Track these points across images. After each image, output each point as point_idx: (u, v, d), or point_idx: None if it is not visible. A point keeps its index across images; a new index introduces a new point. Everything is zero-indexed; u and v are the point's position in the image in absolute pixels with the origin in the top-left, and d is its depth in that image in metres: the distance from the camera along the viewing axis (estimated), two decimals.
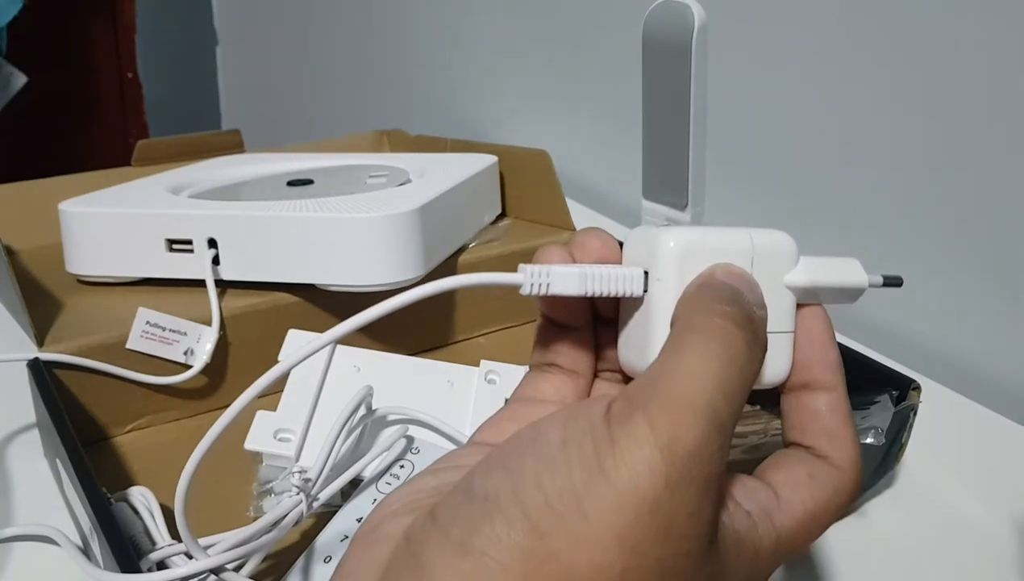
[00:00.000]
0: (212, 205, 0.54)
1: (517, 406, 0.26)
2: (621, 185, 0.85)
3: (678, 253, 0.24)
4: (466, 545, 0.19)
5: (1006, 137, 0.55)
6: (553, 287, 0.24)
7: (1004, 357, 0.58)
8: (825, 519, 0.23)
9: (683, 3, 0.42)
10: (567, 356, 0.26)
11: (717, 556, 0.20)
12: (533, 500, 0.19)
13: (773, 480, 0.24)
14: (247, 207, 0.52)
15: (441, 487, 0.22)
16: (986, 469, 0.49)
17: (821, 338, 0.25)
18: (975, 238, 0.58)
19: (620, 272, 0.24)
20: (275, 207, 0.51)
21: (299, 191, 0.58)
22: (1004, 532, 0.44)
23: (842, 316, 0.62)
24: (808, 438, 0.24)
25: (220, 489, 0.43)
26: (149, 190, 0.59)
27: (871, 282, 0.27)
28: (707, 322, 0.22)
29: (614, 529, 0.18)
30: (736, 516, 0.22)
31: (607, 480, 0.19)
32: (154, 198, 0.56)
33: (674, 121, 0.46)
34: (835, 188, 0.66)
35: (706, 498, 0.19)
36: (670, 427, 0.19)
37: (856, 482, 0.24)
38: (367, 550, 0.21)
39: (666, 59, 0.44)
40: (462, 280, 0.23)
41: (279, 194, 0.58)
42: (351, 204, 0.51)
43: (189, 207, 0.53)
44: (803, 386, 0.25)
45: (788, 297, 0.25)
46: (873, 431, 0.38)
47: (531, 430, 0.21)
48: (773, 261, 0.25)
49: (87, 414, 0.46)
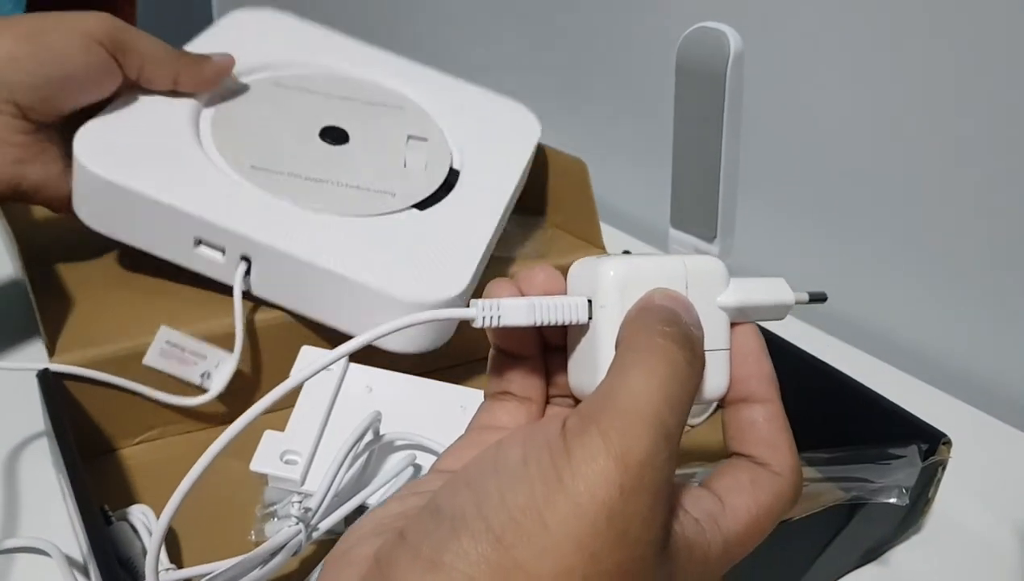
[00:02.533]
0: (249, 211, 0.49)
1: (475, 434, 0.28)
2: (652, 208, 0.84)
3: (618, 281, 0.26)
4: (435, 561, 0.20)
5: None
6: (504, 319, 0.25)
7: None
8: (768, 521, 0.25)
9: (719, 29, 0.41)
10: (520, 384, 0.28)
11: (670, 560, 0.22)
12: (497, 515, 0.20)
13: (718, 488, 0.25)
14: (285, 217, 0.49)
15: (406, 512, 0.23)
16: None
17: (755, 353, 0.27)
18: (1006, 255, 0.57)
19: (566, 301, 0.26)
20: (313, 230, 0.49)
21: (331, 152, 0.56)
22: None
23: (880, 340, 0.62)
24: (748, 447, 0.26)
25: (226, 508, 0.42)
26: (182, 139, 0.52)
27: (797, 299, 0.28)
28: (649, 342, 0.23)
29: (574, 537, 0.20)
30: (685, 523, 0.23)
31: (565, 491, 0.20)
32: (187, 166, 0.51)
33: (706, 149, 0.44)
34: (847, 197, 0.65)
35: (658, 504, 0.21)
36: (622, 438, 0.20)
37: (796, 485, 0.26)
38: (339, 572, 0.22)
39: (700, 86, 0.43)
40: (420, 317, 0.25)
41: (310, 152, 0.55)
42: (390, 239, 0.50)
43: (225, 205, 0.49)
44: (741, 399, 0.27)
45: (722, 317, 0.27)
46: (896, 491, 0.36)
47: (493, 450, 0.22)
48: (705, 284, 0.27)
49: (95, 426, 0.46)
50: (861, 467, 0.39)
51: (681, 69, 0.43)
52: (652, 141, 0.81)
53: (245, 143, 0.54)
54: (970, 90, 0.57)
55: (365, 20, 1.24)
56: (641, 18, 0.80)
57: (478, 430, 0.28)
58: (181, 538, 0.41)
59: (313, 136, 0.56)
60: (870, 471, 0.39)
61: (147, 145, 0.51)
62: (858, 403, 0.44)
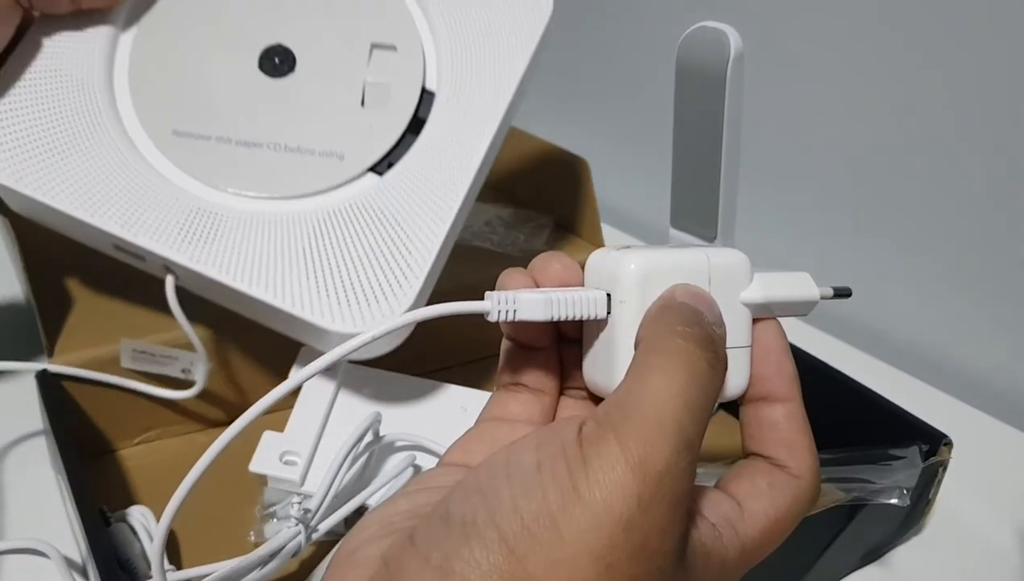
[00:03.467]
0: (162, 217, 0.41)
1: (485, 426, 0.27)
2: (653, 208, 0.84)
3: (639, 275, 0.25)
4: (445, 569, 0.19)
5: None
6: (520, 313, 0.24)
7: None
8: (786, 526, 0.24)
9: (719, 29, 0.41)
10: (533, 376, 0.27)
11: (686, 570, 0.21)
12: (510, 524, 0.19)
13: (736, 492, 0.24)
14: (205, 219, 0.41)
15: (415, 510, 0.23)
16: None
17: (777, 351, 0.26)
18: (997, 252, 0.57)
19: (584, 295, 0.25)
20: (237, 236, 0.40)
21: (271, 89, 0.45)
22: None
23: (882, 341, 0.62)
24: (767, 448, 0.25)
25: (224, 508, 0.42)
26: (86, 109, 0.43)
27: (822, 294, 0.28)
28: (670, 344, 0.22)
29: (589, 549, 0.19)
30: (703, 529, 0.22)
31: (581, 501, 0.19)
32: (91, 155, 0.42)
33: (706, 149, 0.44)
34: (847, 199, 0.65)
35: (677, 515, 0.20)
36: (640, 447, 0.20)
37: (814, 489, 0.25)
38: (346, 573, 0.21)
39: (700, 86, 0.43)
40: (429, 312, 0.24)
41: (245, 94, 0.44)
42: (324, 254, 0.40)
43: (134, 212, 0.41)
44: (761, 398, 0.26)
45: (744, 313, 0.26)
46: (897, 491, 0.36)
47: (505, 454, 0.21)
48: (729, 279, 0.26)
49: (95, 426, 0.46)
50: (862, 468, 0.39)
51: (681, 69, 0.43)
52: (653, 140, 0.81)
53: (169, 94, 0.44)
54: (970, 90, 0.57)
55: None
56: (642, 17, 0.80)
57: (489, 422, 0.27)
58: (180, 539, 0.41)
59: (251, 64, 0.45)
60: (871, 472, 0.38)
61: (45, 131, 0.42)
62: (859, 404, 0.44)
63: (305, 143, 0.44)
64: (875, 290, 0.66)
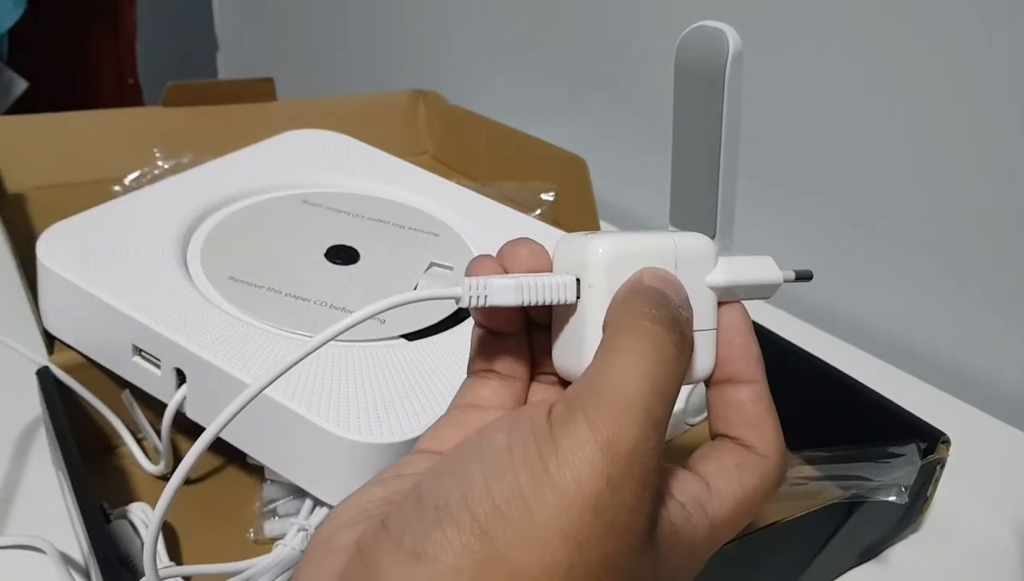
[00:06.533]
0: (195, 321, 0.42)
1: (457, 413, 0.27)
2: (652, 206, 0.84)
3: (607, 259, 0.25)
4: (418, 552, 0.19)
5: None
6: (491, 299, 0.25)
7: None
8: (753, 505, 0.25)
9: (718, 28, 0.41)
10: (504, 362, 0.27)
11: (656, 548, 0.22)
12: (482, 505, 0.20)
13: (704, 472, 0.25)
14: (235, 331, 0.42)
15: (389, 496, 0.23)
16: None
17: (742, 333, 0.27)
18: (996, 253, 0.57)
19: (553, 280, 0.25)
20: (261, 350, 0.41)
21: (332, 272, 0.49)
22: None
23: (877, 337, 0.62)
24: (733, 429, 0.26)
25: (225, 506, 0.42)
26: (156, 246, 0.47)
27: (784, 277, 0.28)
28: (637, 325, 0.23)
29: (560, 528, 0.19)
30: (672, 508, 0.23)
31: (551, 481, 0.20)
32: (148, 272, 0.45)
33: (705, 149, 0.44)
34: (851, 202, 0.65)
35: (646, 494, 0.21)
36: (609, 426, 0.20)
37: (780, 469, 0.25)
38: (321, 562, 0.21)
39: (699, 85, 0.43)
40: (403, 298, 0.24)
41: (305, 269, 0.48)
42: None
43: (169, 313, 0.42)
44: (727, 380, 0.26)
45: (710, 296, 0.27)
46: (895, 489, 0.36)
47: (477, 437, 0.22)
48: (694, 263, 0.26)
49: (96, 423, 0.46)
50: (860, 465, 0.39)
51: (680, 68, 0.43)
52: (652, 140, 0.81)
53: (231, 253, 0.49)
54: (970, 89, 0.57)
55: (364, 20, 1.24)
56: (641, 16, 0.80)
57: (461, 408, 0.27)
58: (180, 536, 0.41)
59: (318, 254, 0.50)
60: (869, 469, 0.39)
61: (112, 248, 0.46)
62: (857, 402, 0.44)
63: (351, 306, 0.46)
64: (874, 288, 0.66)
